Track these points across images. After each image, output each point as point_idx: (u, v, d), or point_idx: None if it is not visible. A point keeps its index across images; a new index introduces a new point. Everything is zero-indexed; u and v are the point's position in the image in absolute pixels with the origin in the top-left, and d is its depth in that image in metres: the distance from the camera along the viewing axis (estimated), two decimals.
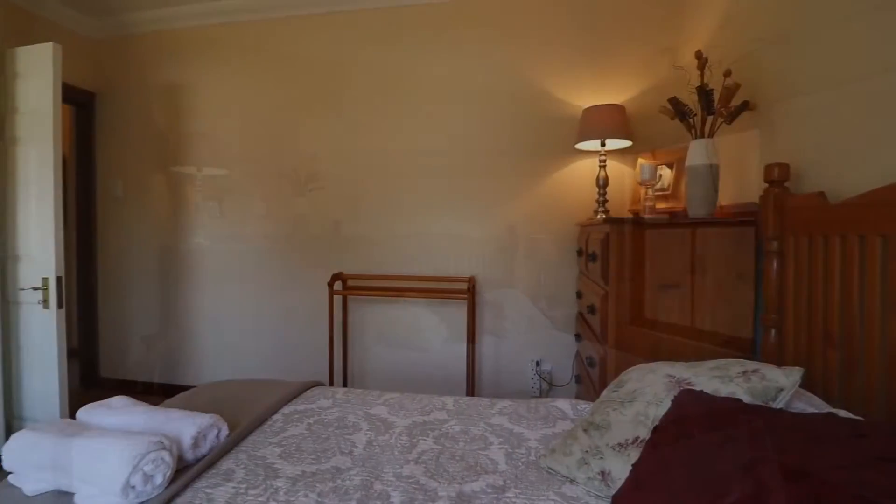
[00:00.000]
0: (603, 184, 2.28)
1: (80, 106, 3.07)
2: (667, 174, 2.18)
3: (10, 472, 1.08)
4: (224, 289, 2.96)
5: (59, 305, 2.11)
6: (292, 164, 2.83)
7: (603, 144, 2.29)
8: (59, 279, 2.10)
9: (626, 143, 2.34)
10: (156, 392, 3.01)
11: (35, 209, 2.14)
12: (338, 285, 2.71)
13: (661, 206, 2.09)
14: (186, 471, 1.07)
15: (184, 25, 2.96)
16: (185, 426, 1.12)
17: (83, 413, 1.21)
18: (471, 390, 2.46)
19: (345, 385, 2.72)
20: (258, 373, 2.90)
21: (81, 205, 3.12)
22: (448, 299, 2.55)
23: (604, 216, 2.21)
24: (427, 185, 2.65)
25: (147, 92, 3.04)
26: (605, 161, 2.30)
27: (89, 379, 3.19)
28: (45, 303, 2.10)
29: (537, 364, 2.51)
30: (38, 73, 2.14)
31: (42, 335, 2.14)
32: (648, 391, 1.09)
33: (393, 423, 1.34)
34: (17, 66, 2.18)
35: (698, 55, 1.68)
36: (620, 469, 0.97)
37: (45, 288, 2.10)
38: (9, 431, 2.16)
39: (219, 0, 2.83)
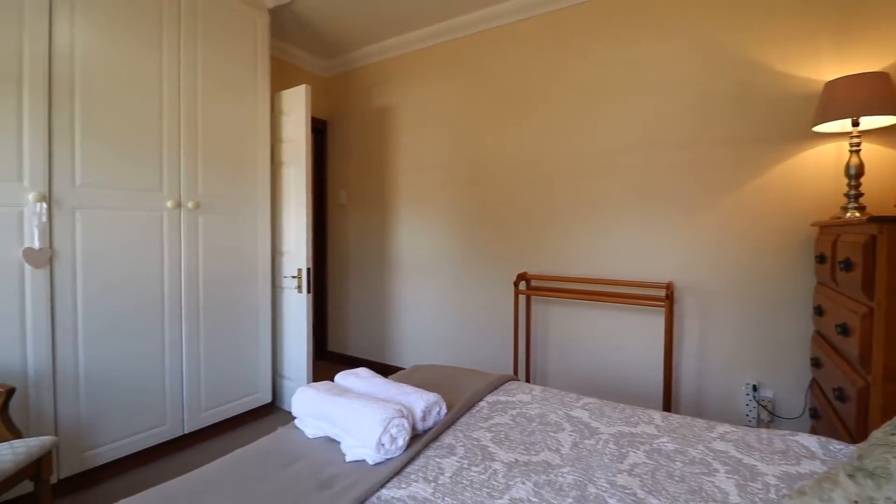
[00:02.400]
0: (856, 173, 1.82)
1: (318, 132, 3.84)
2: None
3: (295, 418, 1.42)
4: (423, 283, 3.33)
5: (308, 290, 2.67)
6: (484, 169, 3.02)
7: (856, 124, 1.84)
8: (308, 270, 2.66)
9: (891, 120, 1.83)
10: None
11: (294, 215, 2.75)
12: (522, 285, 2.79)
13: None
14: (416, 439, 1.25)
15: (389, 56, 3.45)
16: (416, 400, 1.31)
17: (339, 377, 1.52)
18: (667, 406, 2.25)
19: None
20: (448, 360, 3.18)
21: (317, 210, 3.89)
22: (641, 306, 2.38)
23: (858, 213, 1.78)
24: (621, 183, 2.52)
25: (364, 115, 3.63)
26: (858, 145, 1.84)
27: (320, 352, 3.96)
28: (299, 288, 2.69)
29: (754, 389, 2.15)
30: (295, 110, 2.75)
31: (296, 314, 2.74)
32: None
33: (597, 429, 1.32)
34: (282, 106, 2.83)
35: None
36: None
37: (298, 277, 2.69)
38: (274, 386, 2.83)
39: (417, 30, 3.21)
